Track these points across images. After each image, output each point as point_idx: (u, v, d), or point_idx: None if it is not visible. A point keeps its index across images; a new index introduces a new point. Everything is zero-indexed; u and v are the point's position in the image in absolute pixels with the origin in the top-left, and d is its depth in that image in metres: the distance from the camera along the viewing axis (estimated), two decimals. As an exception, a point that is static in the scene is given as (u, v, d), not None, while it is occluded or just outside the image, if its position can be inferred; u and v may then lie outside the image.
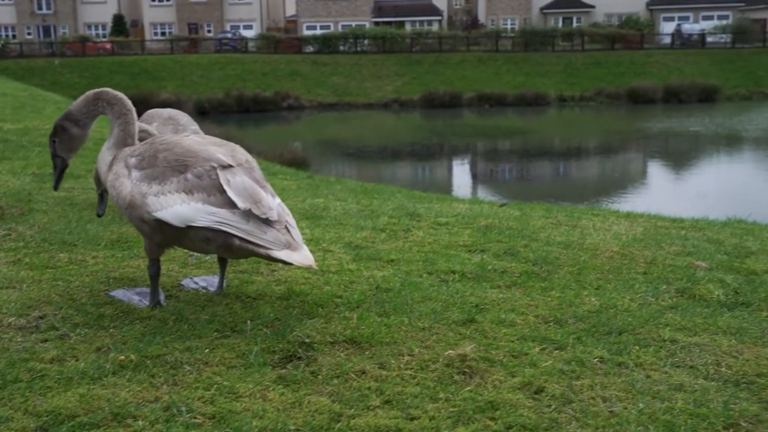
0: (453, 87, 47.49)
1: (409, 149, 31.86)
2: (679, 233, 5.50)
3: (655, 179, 24.64)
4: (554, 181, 24.58)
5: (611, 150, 31.61)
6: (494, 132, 37.62)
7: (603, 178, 24.74)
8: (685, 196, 20.57)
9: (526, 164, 28.07)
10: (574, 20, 61.63)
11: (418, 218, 5.64)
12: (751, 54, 51.33)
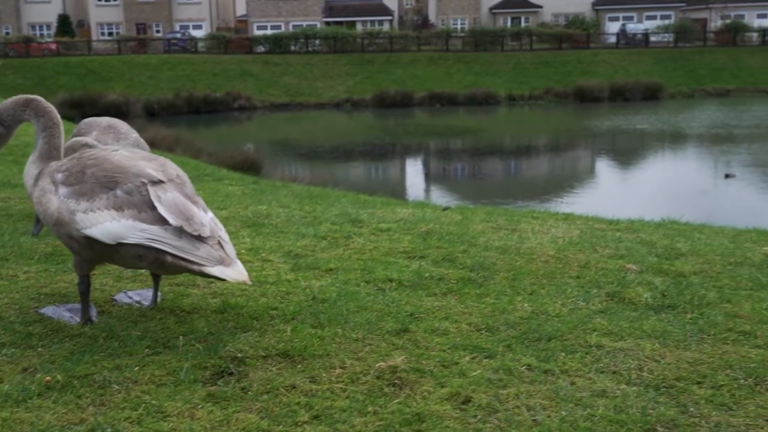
0: (404, 86, 47.65)
1: (362, 149, 31.88)
2: (614, 235, 5.62)
3: (602, 178, 25.04)
4: (505, 180, 24.84)
5: (560, 148, 32.06)
6: (446, 131, 37.84)
7: (552, 177, 25.06)
8: (630, 195, 20.99)
9: (478, 163, 28.31)
10: (523, 20, 62.35)
11: (360, 224, 5.67)
12: (692, 53, 52.56)
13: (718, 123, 35.20)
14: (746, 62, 51.37)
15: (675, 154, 29.03)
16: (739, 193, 20.47)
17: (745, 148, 27.74)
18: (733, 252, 5.06)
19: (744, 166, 24.30)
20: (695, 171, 24.86)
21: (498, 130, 38.87)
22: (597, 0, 63.11)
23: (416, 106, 46.43)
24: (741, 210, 18.51)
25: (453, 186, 23.41)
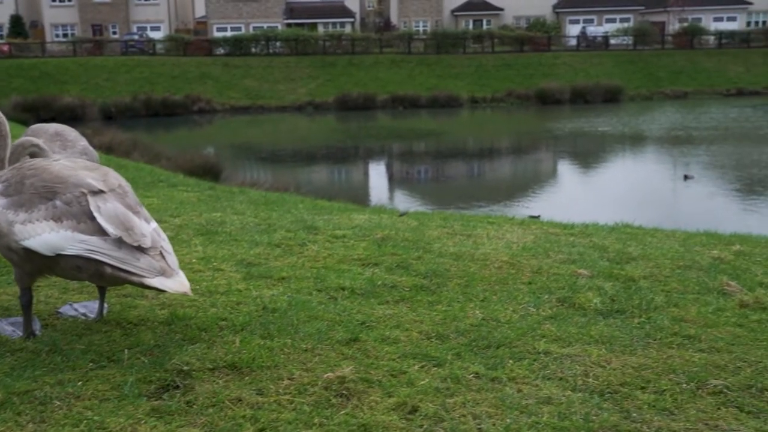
0: (367, 89, 47.65)
1: (324, 152, 31.79)
2: (568, 240, 5.68)
3: (564, 180, 25.26)
4: (468, 183, 24.91)
5: (523, 151, 32.31)
6: (408, 134, 37.93)
7: (515, 180, 25.23)
8: (591, 197, 21.23)
9: (440, 166, 28.39)
10: (484, 23, 62.76)
11: (316, 231, 5.65)
12: (651, 56, 53.38)
13: (677, 125, 35.77)
14: (703, 65, 52.32)
15: (635, 156, 29.41)
16: (697, 193, 20.82)
17: (704, 150, 28.21)
18: (683, 255, 5.14)
19: (702, 167, 24.72)
20: (655, 172, 25.21)
21: (460, 132, 39.05)
22: (558, 3, 63.79)
23: (379, 108, 46.46)
24: (698, 210, 18.85)
25: (415, 189, 23.45)
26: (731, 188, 21.44)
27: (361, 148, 33.53)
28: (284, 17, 59.98)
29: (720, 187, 21.72)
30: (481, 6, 63.33)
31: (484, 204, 20.07)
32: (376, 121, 42.91)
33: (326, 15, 60.38)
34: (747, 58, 53.29)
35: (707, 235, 6.36)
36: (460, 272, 4.55)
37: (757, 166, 24.28)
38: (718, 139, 30.71)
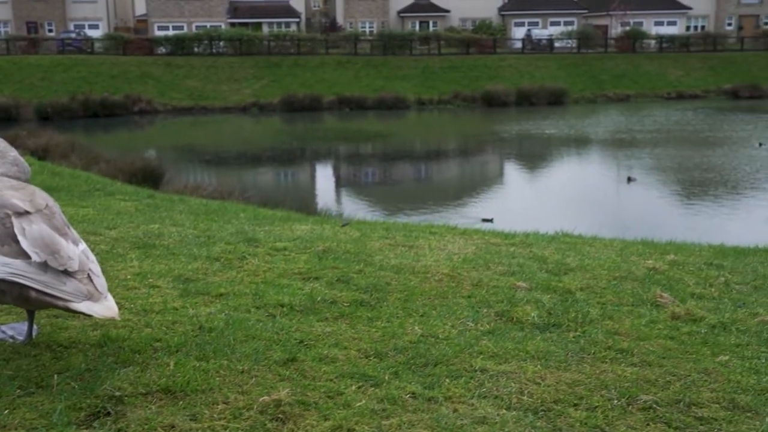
0: (313, 90, 47.50)
1: (269, 154, 31.55)
2: (509, 250, 5.74)
3: (510, 183, 25.58)
4: (415, 186, 25.01)
5: (469, 153, 32.59)
6: (355, 135, 37.93)
7: (462, 183, 25.41)
8: (536, 200, 21.52)
9: (387, 169, 28.45)
10: (431, 24, 63.12)
11: (256, 244, 5.59)
12: (594, 59, 54.39)
13: (621, 128, 36.49)
14: (645, 68, 53.50)
15: (581, 159, 29.91)
16: (639, 196, 21.28)
17: (648, 153, 28.84)
18: (619, 266, 5.24)
19: (646, 169, 25.28)
20: (600, 175, 25.71)
21: (408, 134, 39.22)
22: (503, 5, 64.51)
23: (325, 110, 46.35)
24: (641, 213, 19.31)
25: (363, 193, 23.45)
26: (673, 191, 22.00)
27: (307, 150, 33.40)
28: (228, 16, 59.35)
29: (662, 189, 22.26)
30: (427, 7, 63.68)
31: (432, 208, 20.20)
32: (322, 123, 42.79)
33: (271, 15, 59.94)
34: (686, 62, 54.70)
35: (644, 243, 6.50)
36: (401, 286, 4.56)
37: (699, 169, 24.93)
38: (661, 141, 31.44)
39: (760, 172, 24.28)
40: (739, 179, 23.43)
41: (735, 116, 40.60)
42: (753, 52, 56.96)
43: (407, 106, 47.30)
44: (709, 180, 23.37)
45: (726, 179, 23.51)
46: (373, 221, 7.16)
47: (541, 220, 18.30)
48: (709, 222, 18.19)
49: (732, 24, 66.25)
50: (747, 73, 53.22)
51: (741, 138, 31.82)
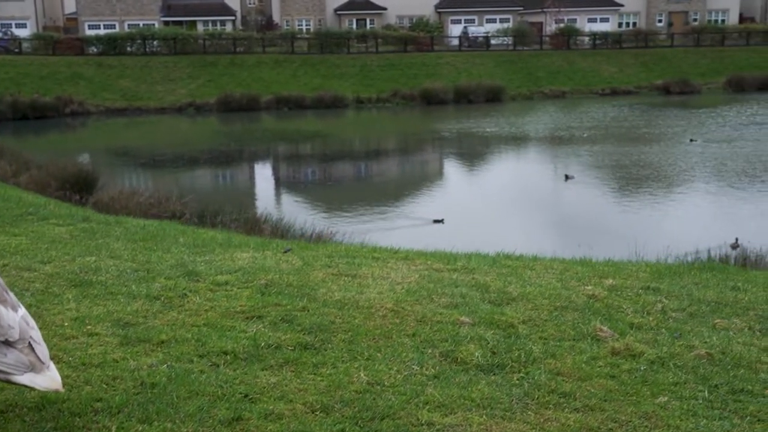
0: (250, 89, 46.98)
1: (207, 156, 31.08)
2: (451, 278, 5.78)
3: (450, 182, 25.68)
4: (356, 187, 24.94)
5: (409, 152, 32.69)
6: (294, 135, 37.71)
7: (402, 183, 25.39)
8: (475, 199, 21.68)
9: (329, 170, 28.32)
10: (368, 22, 63.08)
11: (197, 278, 5.50)
12: (530, 56, 55.13)
13: (560, 125, 37.02)
14: (579, 65, 54.47)
15: (520, 157, 30.25)
16: (577, 193, 21.67)
17: (587, 150, 29.32)
18: (560, 294, 5.33)
19: (585, 167, 25.74)
20: (538, 173, 26.06)
21: (347, 133, 39.16)
22: (440, 3, 64.86)
23: (263, 109, 45.92)
24: (578, 211, 19.68)
25: (304, 195, 23.25)
26: (611, 188, 22.45)
27: (245, 151, 33.02)
28: (161, 15, 58.22)
29: (600, 187, 22.70)
30: (364, 5, 63.59)
31: (378, 210, 20.18)
32: (260, 123, 42.39)
33: (205, 13, 59.03)
34: (619, 58, 55.89)
35: (583, 264, 6.62)
36: (345, 324, 4.55)
37: (636, 166, 25.47)
38: (599, 139, 31.99)
39: (695, 169, 24.98)
40: (674, 176, 24.08)
41: (669, 112, 41.70)
42: (683, 48, 58.56)
43: (346, 105, 47.20)
44: (647, 177, 23.92)
45: (663, 175, 24.13)
46: (315, 245, 7.11)
47: (484, 219, 18.59)
48: (647, 220, 18.66)
49: (662, 21, 68.02)
50: (677, 69, 54.67)
51: (675, 134, 32.68)
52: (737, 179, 22.91)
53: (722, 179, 23.04)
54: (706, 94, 51.23)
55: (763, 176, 23.21)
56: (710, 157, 26.90)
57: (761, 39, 60.59)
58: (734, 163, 25.27)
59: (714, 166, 24.98)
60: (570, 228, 17.97)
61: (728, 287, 5.71)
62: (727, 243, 15.37)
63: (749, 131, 33.06)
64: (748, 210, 19.22)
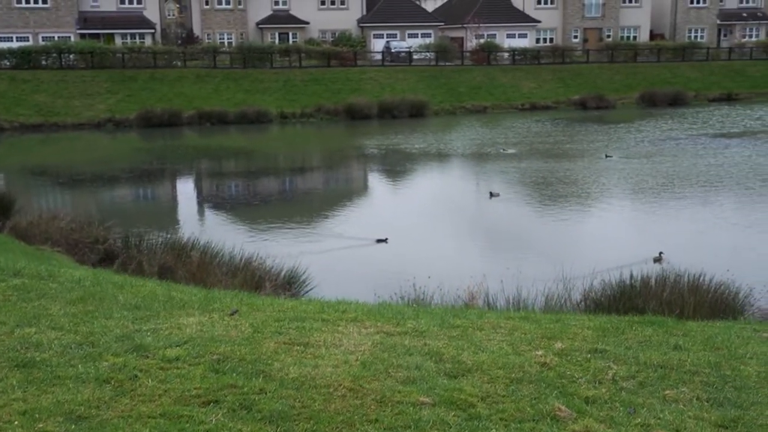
0: (171, 104, 46.12)
1: (128, 175, 30.32)
2: (403, 344, 5.78)
3: (376, 200, 25.75)
4: (282, 206, 24.64)
5: (334, 168, 32.69)
6: (218, 152, 37.22)
7: (327, 200, 25.32)
8: (401, 215, 21.79)
9: (253, 188, 27.98)
10: (290, 36, 62.80)
11: (146, 353, 5.34)
12: (452, 71, 55.90)
13: (486, 141, 37.60)
14: (500, 80, 55.56)
15: (448, 174, 30.55)
16: (504, 211, 22.06)
17: (513, 166, 29.84)
18: (513, 362, 5.40)
19: (510, 184, 26.20)
20: (467, 190, 26.44)
21: (272, 149, 38.91)
22: (362, 17, 65.12)
23: (185, 125, 45.16)
24: (505, 229, 20.07)
25: (230, 215, 22.87)
26: (536, 205, 22.94)
27: (168, 169, 32.41)
28: (77, 27, 56.50)
29: (525, 204, 23.18)
30: (286, 19, 63.28)
31: (311, 232, 20.03)
32: (182, 139, 41.65)
33: (124, 26, 57.59)
34: (538, 74, 57.29)
35: (528, 320, 6.73)
36: (306, 410, 4.49)
37: (561, 183, 26.11)
38: (525, 154, 32.63)
39: (619, 185, 25.81)
40: (598, 192, 24.84)
41: (590, 127, 42.93)
42: (598, 64, 60.47)
43: (270, 120, 46.89)
44: (572, 193, 24.56)
45: (587, 192, 24.85)
46: (261, 305, 6.99)
47: (421, 239, 18.76)
48: (573, 238, 19.18)
49: (578, 37, 70.11)
50: (593, 84, 56.43)
51: (597, 149, 33.61)
52: (657, 195, 23.80)
53: (644, 195, 23.90)
54: (620, 108, 53.05)
55: (682, 192, 24.17)
56: (632, 173, 27.84)
57: (671, 55, 63.16)
58: (654, 180, 26.24)
59: (635, 183, 25.86)
60: (499, 248, 18.31)
61: (671, 346, 5.91)
62: (650, 258, 16.07)
63: (667, 146, 34.39)
64: (670, 225, 20.02)
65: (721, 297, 11.89)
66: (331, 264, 16.69)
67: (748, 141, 36.01)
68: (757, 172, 27.58)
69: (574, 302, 11.85)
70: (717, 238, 18.74)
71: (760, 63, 63.13)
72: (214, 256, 15.20)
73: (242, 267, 14.31)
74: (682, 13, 73.51)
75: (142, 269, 14.67)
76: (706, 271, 12.50)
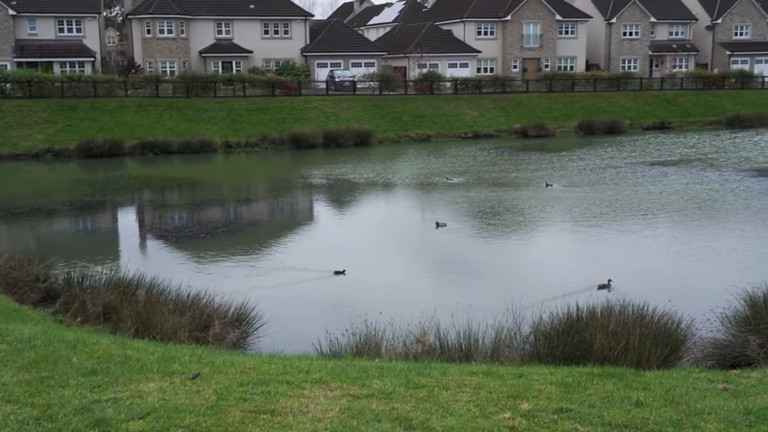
0: (113, 134, 45.42)
1: (69, 208, 29.59)
2: (371, 409, 5.74)
3: (321, 230, 25.62)
4: (229, 238, 24.29)
5: (279, 198, 32.43)
6: (162, 182, 36.69)
7: (272, 230, 25.11)
8: (347, 246, 21.72)
9: (198, 219, 27.52)
10: (234, 65, 62.55)
11: (108, 428, 5.19)
12: (395, 100, 56.40)
13: (434, 170, 37.80)
14: (443, 109, 56.27)
15: (397, 204, 30.57)
16: (453, 242, 22.18)
17: (461, 196, 30.03)
18: (482, 426, 5.41)
19: (459, 213, 26.37)
20: (412, 220, 26.52)
21: (217, 179, 38.54)
22: (305, 47, 65.29)
23: (127, 155, 44.46)
24: (454, 260, 20.18)
25: (177, 249, 22.39)
26: (483, 236, 23.15)
27: (110, 201, 31.72)
28: (14, 56, 55.24)
29: (473, 235, 23.37)
30: (229, 48, 63.02)
31: (264, 266, 19.81)
32: (124, 170, 40.92)
33: (63, 54, 56.50)
34: (479, 103, 58.22)
35: (491, 376, 6.77)
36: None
37: (509, 212, 26.42)
38: (472, 184, 32.91)
39: (564, 214, 26.23)
40: (545, 221, 25.22)
41: (533, 156, 43.65)
42: (537, 94, 61.79)
43: (214, 150, 46.52)
44: (519, 222, 24.87)
45: (533, 220, 25.22)
46: (222, 365, 6.86)
47: (375, 270, 18.77)
48: (521, 268, 19.41)
49: (517, 67, 71.56)
50: (533, 113, 57.61)
51: (542, 177, 34.13)
52: (601, 223, 24.30)
53: (588, 223, 24.36)
54: (560, 137, 54.23)
55: (624, 220, 24.69)
56: (576, 201, 28.38)
57: (606, 85, 64.96)
58: (598, 208, 26.80)
59: (580, 211, 26.33)
60: (449, 279, 18.40)
61: (633, 402, 6.00)
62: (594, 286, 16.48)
63: (608, 174, 35.20)
64: (614, 253, 20.47)
65: (665, 328, 12.13)
66: (280, 299, 16.57)
67: (685, 169, 37.14)
68: (695, 200, 28.43)
69: (524, 335, 11.95)
70: (660, 266, 19.20)
71: (690, 92, 65.42)
72: (161, 294, 14.91)
73: (190, 305, 14.05)
74: (615, 45, 75.77)
75: (85, 309, 14.27)
76: (649, 300, 12.81)
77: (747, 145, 47.95)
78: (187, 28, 61.78)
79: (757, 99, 65.21)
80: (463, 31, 70.64)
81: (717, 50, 77.98)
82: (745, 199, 28.46)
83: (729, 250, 20.42)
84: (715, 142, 49.71)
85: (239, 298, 14.30)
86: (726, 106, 63.14)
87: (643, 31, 75.65)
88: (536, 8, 71.43)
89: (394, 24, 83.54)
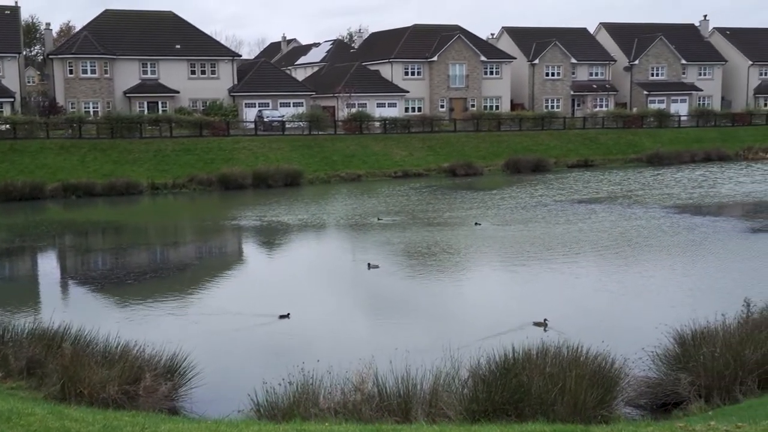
0: (33, 177, 44.09)
1: (-16, 256, 28.33)
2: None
3: (249, 275, 25.27)
4: (156, 284, 23.59)
5: (207, 241, 31.79)
6: (86, 226, 35.64)
7: (199, 275, 24.55)
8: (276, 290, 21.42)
9: (127, 264, 26.68)
10: (160, 105, 61.63)
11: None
12: (325, 140, 56.42)
13: (368, 211, 37.53)
14: (372, 149, 56.53)
15: (326, 246, 30.28)
16: (386, 282, 22.09)
17: (397, 236, 29.95)
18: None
19: (394, 254, 26.28)
20: (345, 262, 26.31)
21: (143, 221, 37.65)
22: (233, 87, 64.90)
23: (48, 198, 43.12)
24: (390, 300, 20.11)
25: (104, 296, 21.59)
26: (418, 278, 23.12)
27: (29, 247, 30.49)
28: (-72, 96, 53.31)
29: (406, 276, 23.32)
30: (155, 88, 62.10)
31: (180, 310, 19.35)
32: (46, 213, 39.59)
33: (-20, 94, 54.85)
34: (408, 142, 58.75)
35: None
36: None
37: (444, 252, 26.50)
38: (407, 225, 32.82)
39: (499, 253, 26.49)
40: (479, 260, 25.45)
41: (464, 194, 44.06)
42: (464, 133, 62.76)
43: (140, 191, 45.53)
44: (454, 263, 24.97)
45: (468, 260, 25.40)
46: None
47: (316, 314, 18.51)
48: (457, 309, 19.43)
49: (444, 106, 72.70)
50: (461, 152, 58.41)
51: (475, 216, 34.36)
52: (535, 262, 24.60)
53: (521, 262, 24.63)
54: (488, 175, 55.06)
55: (555, 258, 25.01)
56: (510, 240, 28.70)
57: (531, 124, 66.58)
58: (531, 246, 27.16)
59: (514, 250, 26.58)
60: (386, 324, 18.29)
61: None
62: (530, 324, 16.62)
63: (539, 213, 35.76)
64: (548, 292, 20.68)
65: (600, 368, 12.23)
66: (213, 346, 16.14)
67: (612, 206, 38.08)
68: (624, 236, 29.09)
69: (462, 380, 11.88)
70: (593, 304, 19.50)
71: (610, 131, 67.61)
72: (88, 345, 14.30)
73: (119, 356, 13.50)
74: (539, 85, 77.93)
75: (7, 364, 13.56)
76: (583, 338, 12.94)
77: (669, 181, 49.65)
78: (111, 68, 60.69)
79: (674, 137, 67.81)
80: (391, 72, 71.50)
81: (635, 90, 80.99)
82: (672, 235, 29.26)
83: (659, 287, 20.88)
84: (638, 179, 51.31)
85: (170, 347, 13.81)
86: (645, 144, 65.40)
87: (565, 71, 78.04)
88: (462, 49, 72.94)
89: (321, 64, 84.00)
